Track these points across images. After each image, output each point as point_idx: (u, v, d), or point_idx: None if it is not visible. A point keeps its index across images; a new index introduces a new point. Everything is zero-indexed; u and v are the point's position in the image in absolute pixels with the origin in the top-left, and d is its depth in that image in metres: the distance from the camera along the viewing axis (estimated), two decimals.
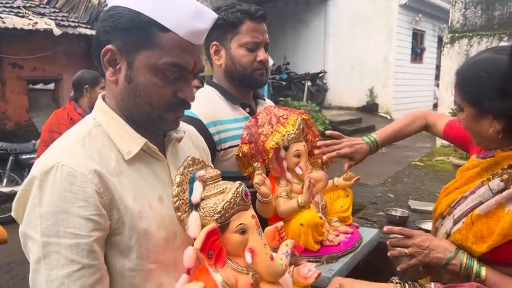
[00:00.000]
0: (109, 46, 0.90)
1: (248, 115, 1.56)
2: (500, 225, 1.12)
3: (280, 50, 12.02)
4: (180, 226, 0.94)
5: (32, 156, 5.43)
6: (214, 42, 1.53)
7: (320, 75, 12.15)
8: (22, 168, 5.46)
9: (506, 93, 1.10)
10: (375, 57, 11.81)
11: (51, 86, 8.15)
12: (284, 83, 11.80)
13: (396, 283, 1.15)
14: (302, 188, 1.37)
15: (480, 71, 1.15)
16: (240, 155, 1.44)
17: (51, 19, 7.55)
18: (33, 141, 5.62)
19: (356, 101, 12.21)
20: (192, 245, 0.89)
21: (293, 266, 1.09)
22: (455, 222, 1.25)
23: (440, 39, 9.91)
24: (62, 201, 0.82)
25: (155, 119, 0.96)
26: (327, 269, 1.34)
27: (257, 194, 1.32)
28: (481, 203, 1.18)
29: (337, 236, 1.47)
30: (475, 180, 1.26)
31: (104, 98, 1.00)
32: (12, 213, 0.90)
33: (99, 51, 0.92)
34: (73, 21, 7.95)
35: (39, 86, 8.24)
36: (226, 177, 1.34)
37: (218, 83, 1.59)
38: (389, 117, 12.09)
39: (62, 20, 7.76)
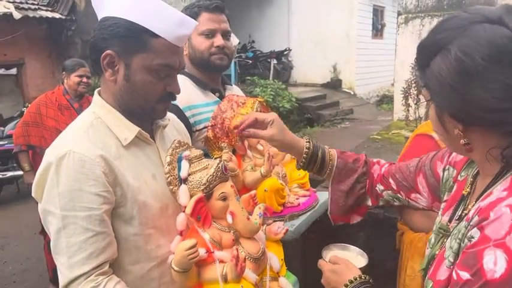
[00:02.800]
0: (108, 51, 1.08)
1: (218, 99, 1.76)
2: None
3: (245, 28, 12.05)
4: (171, 198, 1.14)
5: (1, 143, 5.41)
6: None
7: (285, 53, 12.29)
8: None
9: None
10: (338, 33, 12.02)
11: (14, 71, 7.99)
12: (250, 62, 11.88)
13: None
14: (264, 161, 1.60)
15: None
16: (208, 139, 1.64)
17: (9, 2, 7.35)
18: (1, 128, 5.59)
19: (320, 78, 12.46)
20: (183, 212, 1.11)
21: (265, 225, 1.33)
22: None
23: (399, 16, 10.27)
24: (76, 181, 1.01)
25: (148, 110, 1.15)
26: (289, 224, 1.60)
27: None
28: None
29: (297, 199, 1.72)
30: None
31: (99, 94, 1.18)
32: (33, 194, 1.08)
33: (97, 55, 1.09)
34: (32, 4, 7.75)
35: (1, 71, 8.06)
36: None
37: (189, 72, 1.78)
38: (352, 93, 12.46)
39: (21, 3, 7.55)
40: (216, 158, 1.57)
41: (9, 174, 5.39)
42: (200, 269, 1.10)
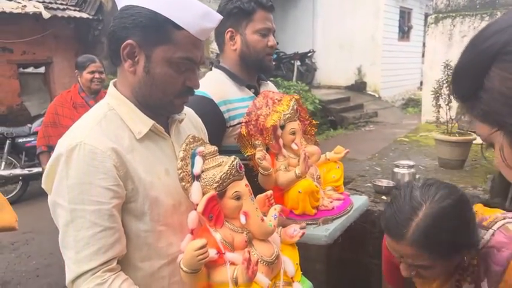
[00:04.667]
0: (129, 41, 1.04)
1: (253, 95, 1.71)
2: None
3: None
4: (184, 194, 1.10)
5: (28, 139, 5.53)
6: (230, 29, 1.67)
7: (309, 54, 12.19)
8: (19, 152, 5.58)
9: None
10: (363, 36, 11.87)
11: (42, 69, 8.17)
12: (274, 63, 11.82)
13: None
14: (298, 161, 1.54)
15: None
16: (241, 135, 1.60)
17: (39, 2, 7.53)
18: (29, 125, 5.71)
19: (344, 80, 12.33)
20: (195, 210, 1.06)
21: (281, 227, 1.27)
22: None
23: (427, 17, 10.03)
24: (86, 174, 0.98)
25: (166, 104, 1.11)
26: (323, 229, 1.53)
27: (259, 167, 1.48)
28: None
29: (331, 202, 1.64)
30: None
31: (115, 85, 1.15)
32: (42, 185, 1.06)
33: (116, 45, 1.05)
34: (61, 4, 7.91)
35: (30, 69, 8.25)
36: (235, 150, 1.53)
37: (226, 67, 1.73)
38: (377, 96, 12.26)
39: (50, 3, 7.72)
40: (248, 156, 1.56)
41: (35, 170, 5.48)
42: (210, 271, 1.05)
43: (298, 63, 11.71)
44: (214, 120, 1.55)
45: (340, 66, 12.23)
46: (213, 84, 1.67)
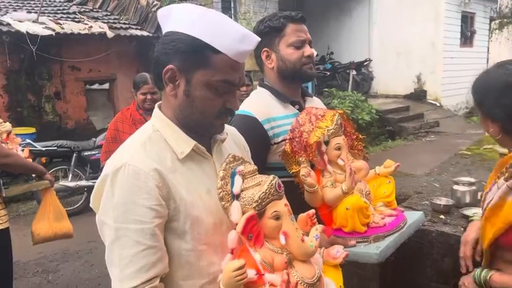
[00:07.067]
0: (170, 66, 1.08)
1: (297, 111, 1.71)
2: (502, 214, 1.27)
3: (323, 39, 11.96)
4: (225, 214, 1.11)
5: (92, 153, 5.85)
6: (265, 49, 1.71)
7: (365, 63, 11.98)
8: (84, 164, 5.91)
9: (498, 101, 1.32)
10: (422, 43, 11.45)
11: (106, 85, 8.66)
12: (328, 73, 11.73)
13: None
14: (345, 177, 1.50)
15: (483, 82, 1.39)
16: (285, 153, 1.59)
17: (104, 22, 8.01)
18: (93, 139, 6.04)
19: (403, 89, 11.93)
20: (235, 229, 1.07)
21: (323, 247, 1.24)
22: (482, 214, 1.44)
23: (492, 21, 9.50)
24: (130, 194, 1.02)
25: (206, 126, 1.14)
26: (374, 246, 1.47)
27: (305, 185, 1.47)
28: (492, 199, 1.35)
29: (382, 218, 1.57)
30: (493, 178, 1.45)
31: (160, 107, 1.19)
32: (91, 204, 1.11)
33: (159, 70, 1.10)
34: (124, 23, 8.36)
35: (95, 86, 8.79)
36: (281, 168, 1.55)
37: (269, 85, 1.76)
38: (438, 104, 11.75)
39: (114, 23, 8.19)
40: (294, 173, 1.54)
41: None
42: None
43: (353, 72, 11.54)
44: (258, 138, 1.56)
45: (398, 75, 11.87)
46: (257, 102, 1.70)
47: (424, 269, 2.36)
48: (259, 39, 1.14)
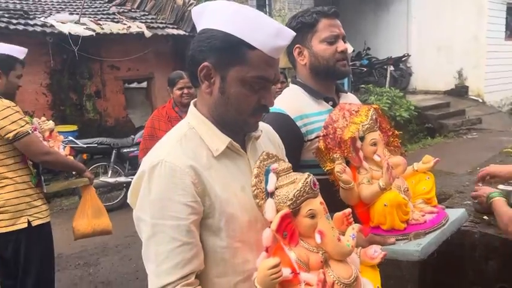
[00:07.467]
0: (205, 63, 1.08)
1: (331, 108, 1.67)
2: None
3: (360, 35, 11.73)
4: (260, 212, 1.10)
5: (131, 149, 6.01)
6: (297, 45, 1.68)
7: (403, 59, 11.67)
8: (123, 161, 6.08)
9: None
10: (464, 37, 11.01)
11: (144, 84, 8.86)
12: (365, 69, 11.51)
13: None
14: (382, 173, 1.45)
15: None
16: (319, 150, 1.56)
17: (141, 22, 8.20)
18: (132, 136, 6.20)
19: (443, 85, 11.52)
20: (269, 227, 1.06)
21: (360, 247, 1.21)
22: None
23: None
24: (166, 190, 1.03)
25: (240, 123, 1.14)
26: (415, 243, 1.41)
27: (340, 182, 1.44)
28: None
29: (423, 215, 1.51)
30: None
31: (195, 105, 1.20)
32: (128, 200, 1.13)
33: (194, 67, 1.10)
34: (161, 23, 8.53)
35: (134, 84, 9.01)
36: (314, 165, 1.52)
37: (302, 81, 1.74)
38: (481, 100, 11.28)
39: (152, 22, 8.36)
40: (328, 171, 1.52)
41: None
42: None
43: (391, 68, 11.27)
44: (291, 136, 1.54)
45: (438, 70, 11.47)
46: (289, 99, 1.68)
47: (466, 272, 2.27)
48: (294, 33, 1.12)
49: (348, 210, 1.20)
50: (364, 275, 1.14)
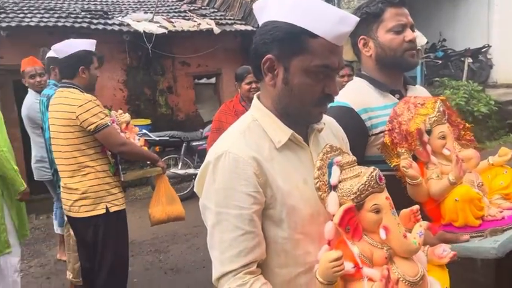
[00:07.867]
0: (268, 56, 1.09)
1: (398, 101, 1.61)
2: None
3: (434, 26, 11.11)
4: (322, 204, 1.10)
5: (200, 143, 6.22)
6: (362, 37, 1.64)
7: (483, 50, 10.87)
8: (193, 153, 6.32)
9: None
10: None
11: (213, 80, 9.09)
12: (439, 62, 10.90)
13: None
14: (452, 168, 1.38)
15: None
16: (385, 145, 1.52)
17: (211, 19, 8.40)
18: (201, 130, 6.43)
19: None
20: (332, 220, 1.05)
21: (428, 245, 1.16)
22: None
23: None
24: (230, 180, 1.06)
25: (304, 114, 1.13)
26: (491, 240, 1.32)
27: (406, 177, 1.39)
28: None
29: (500, 212, 1.42)
30: None
31: (259, 98, 1.21)
32: (195, 189, 1.18)
33: (258, 60, 1.12)
34: (229, 19, 8.68)
35: (203, 80, 9.28)
36: (379, 161, 1.47)
37: (367, 74, 1.68)
38: None
39: (220, 19, 8.54)
40: (395, 166, 1.47)
41: None
42: (346, 284, 1.02)
43: (469, 60, 10.55)
44: (355, 129, 1.50)
45: None
46: (353, 92, 1.63)
47: None
48: (358, 19, 1.10)
49: (416, 206, 1.16)
50: (431, 275, 1.10)
